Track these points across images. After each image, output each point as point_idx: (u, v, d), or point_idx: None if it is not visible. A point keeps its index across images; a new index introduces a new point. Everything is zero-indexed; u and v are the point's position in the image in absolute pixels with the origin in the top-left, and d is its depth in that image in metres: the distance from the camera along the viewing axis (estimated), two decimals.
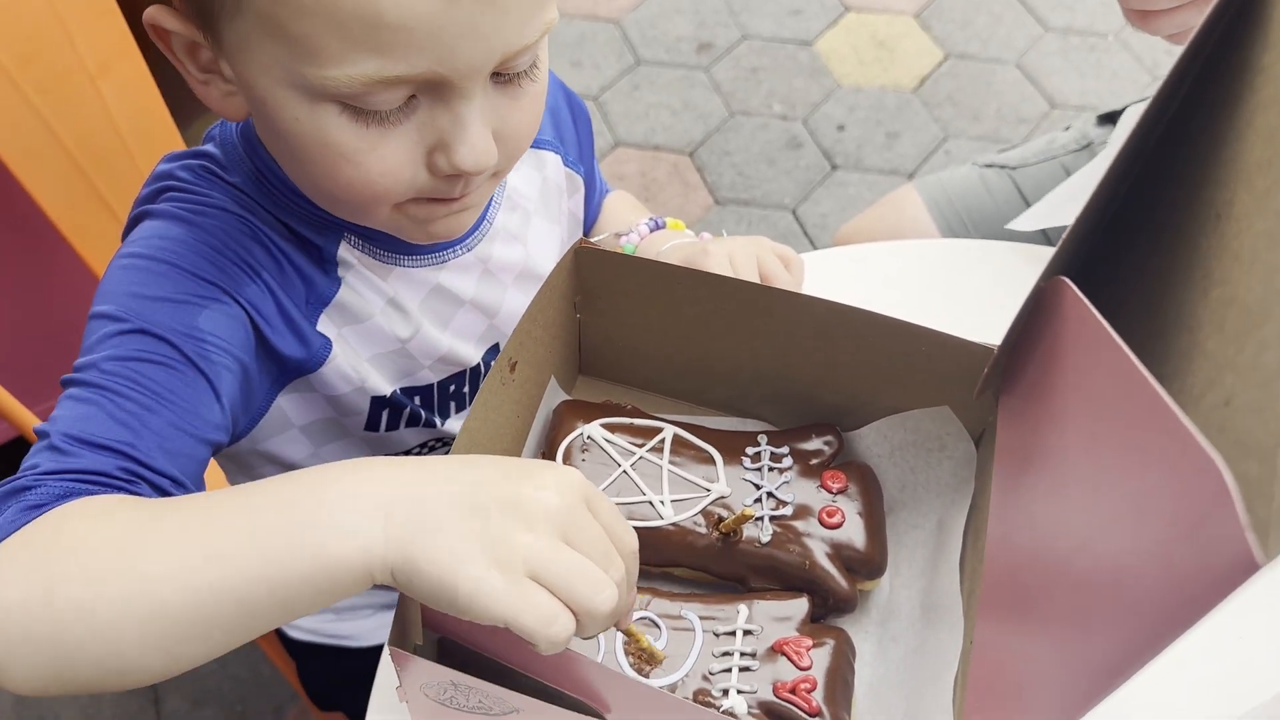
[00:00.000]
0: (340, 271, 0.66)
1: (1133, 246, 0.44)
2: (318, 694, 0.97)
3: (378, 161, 0.55)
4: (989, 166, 1.19)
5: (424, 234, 0.63)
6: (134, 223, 0.64)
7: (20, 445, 1.45)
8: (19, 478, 0.50)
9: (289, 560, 0.44)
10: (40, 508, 0.48)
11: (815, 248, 1.94)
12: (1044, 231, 1.05)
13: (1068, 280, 0.41)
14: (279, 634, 0.96)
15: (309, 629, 0.91)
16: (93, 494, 0.50)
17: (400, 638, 0.51)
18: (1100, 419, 0.36)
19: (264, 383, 0.65)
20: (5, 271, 1.27)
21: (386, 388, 0.71)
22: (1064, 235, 0.42)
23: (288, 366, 0.65)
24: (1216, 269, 0.35)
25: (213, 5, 0.53)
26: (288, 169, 0.63)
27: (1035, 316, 0.47)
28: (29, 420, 0.99)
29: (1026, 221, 1.04)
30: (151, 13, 0.56)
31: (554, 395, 0.71)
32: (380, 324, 0.69)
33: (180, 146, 1.18)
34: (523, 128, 0.59)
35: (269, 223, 0.63)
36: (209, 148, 0.66)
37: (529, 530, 0.44)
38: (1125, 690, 0.35)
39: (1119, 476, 0.33)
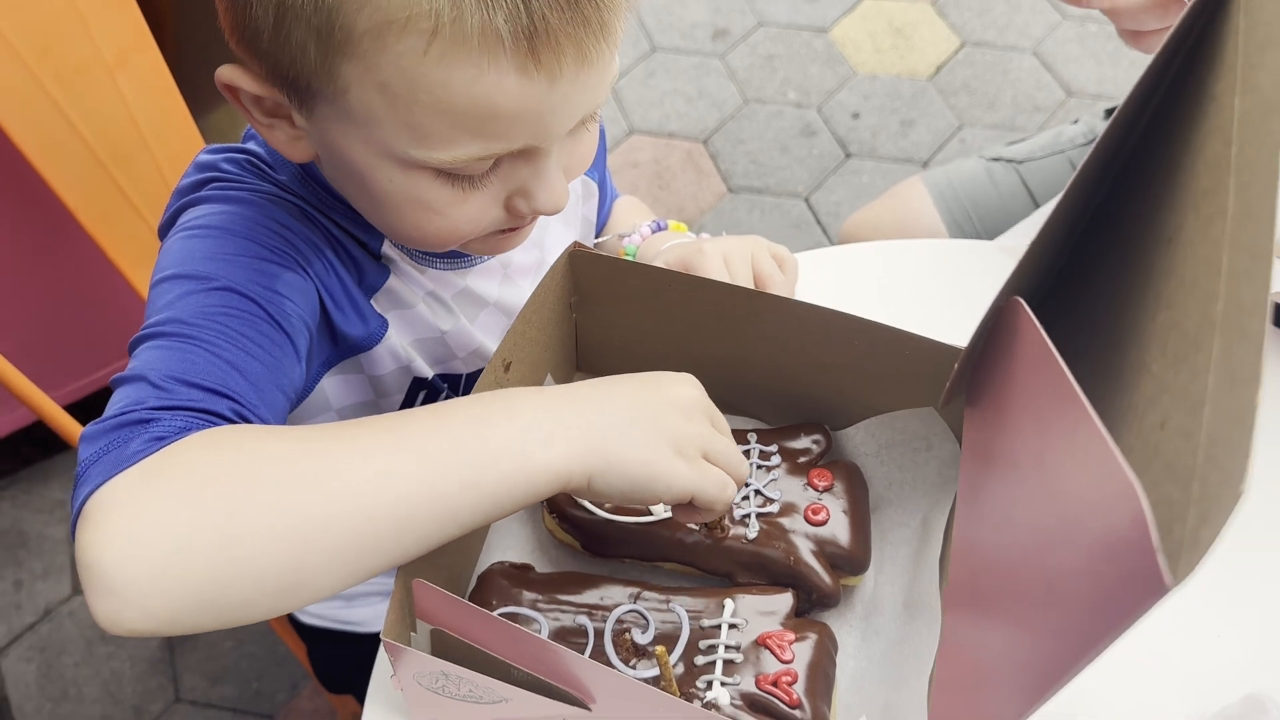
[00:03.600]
0: (386, 263, 0.69)
1: (1099, 263, 0.45)
2: (328, 677, 1.00)
3: (464, 212, 0.59)
4: (995, 160, 1.19)
5: (488, 252, 0.67)
6: (180, 211, 0.64)
7: (25, 436, 1.49)
8: (129, 410, 0.49)
9: (492, 466, 0.49)
10: (165, 440, 0.47)
11: (828, 236, 1.95)
12: None
13: (1021, 301, 0.43)
14: (291, 619, 0.99)
15: (319, 615, 0.94)
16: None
17: (394, 629, 0.54)
18: (1044, 437, 0.37)
19: (316, 361, 0.67)
20: (24, 261, 1.30)
21: (429, 370, 0.74)
22: (1023, 254, 0.43)
23: (344, 346, 0.67)
24: (1165, 292, 0.36)
25: (310, 84, 0.54)
26: (359, 206, 0.64)
27: (994, 332, 0.48)
28: (47, 404, 1.01)
29: (1035, 225, 1.05)
30: (226, 74, 0.57)
31: None
32: (424, 313, 0.71)
33: (196, 137, 1.20)
34: (585, 159, 0.64)
35: (320, 215, 0.65)
36: (250, 145, 0.68)
37: (690, 421, 0.55)
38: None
39: (1058, 493, 0.35)
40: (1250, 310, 0.28)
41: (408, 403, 0.75)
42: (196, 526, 0.44)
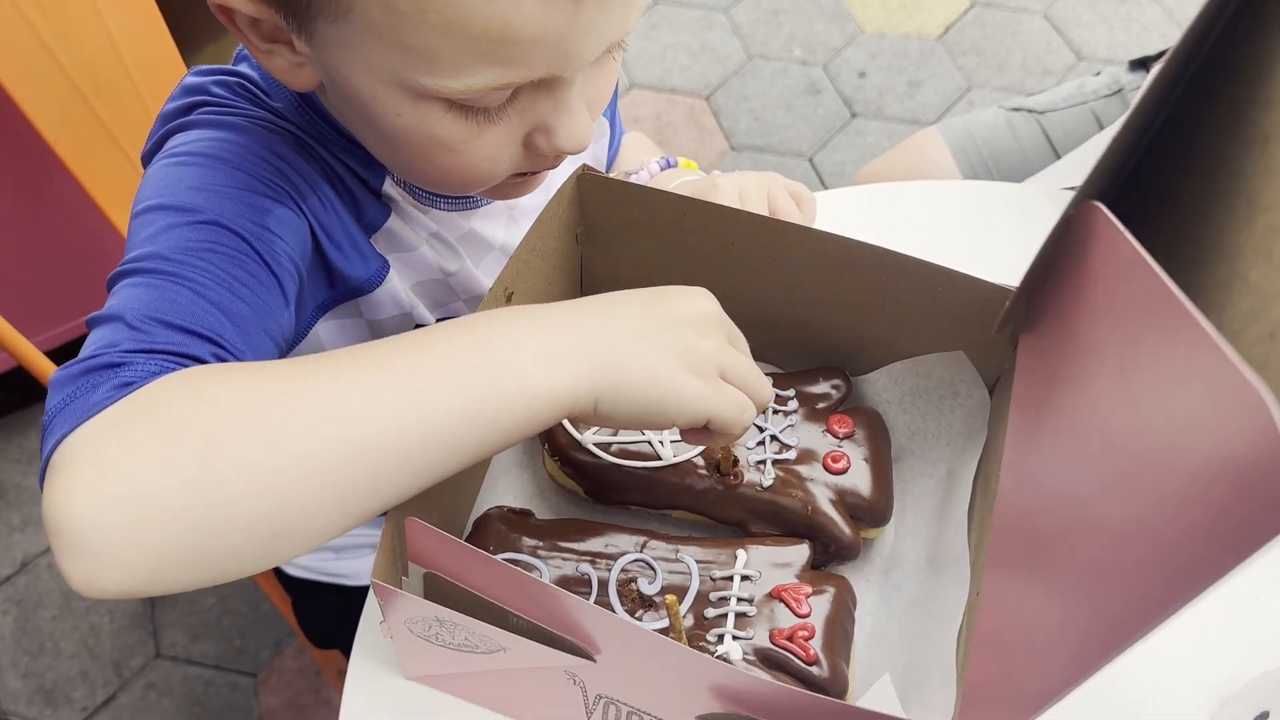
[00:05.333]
0: (386, 202, 0.64)
1: (1168, 175, 0.41)
2: (314, 632, 0.96)
3: (479, 148, 0.54)
4: (1016, 110, 1.15)
5: (501, 197, 0.62)
6: (165, 136, 0.59)
7: (0, 384, 1.44)
8: (100, 354, 0.44)
9: (490, 394, 0.45)
10: (133, 385, 0.43)
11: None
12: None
13: (1100, 205, 0.38)
14: (276, 572, 0.95)
15: (306, 566, 0.90)
16: None
17: (384, 572, 0.50)
18: (1133, 351, 0.33)
19: (310, 304, 0.62)
20: (2, 198, 1.25)
21: (431, 318, 0.69)
22: (1096, 161, 0.39)
23: (343, 288, 0.63)
24: (1264, 194, 0.32)
25: (310, 3, 0.49)
26: (365, 141, 0.59)
27: (1063, 247, 0.44)
28: (27, 350, 0.97)
29: (1055, 178, 1.01)
30: None
31: None
32: (427, 255, 0.67)
33: (183, 70, 1.15)
34: (606, 94, 0.59)
35: (318, 146, 0.60)
36: (243, 68, 0.62)
37: (705, 336, 0.51)
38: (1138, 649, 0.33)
39: (1152, 412, 0.31)
40: None
41: None
42: (170, 475, 0.40)
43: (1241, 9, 0.40)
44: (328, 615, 0.93)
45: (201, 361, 0.46)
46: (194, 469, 0.40)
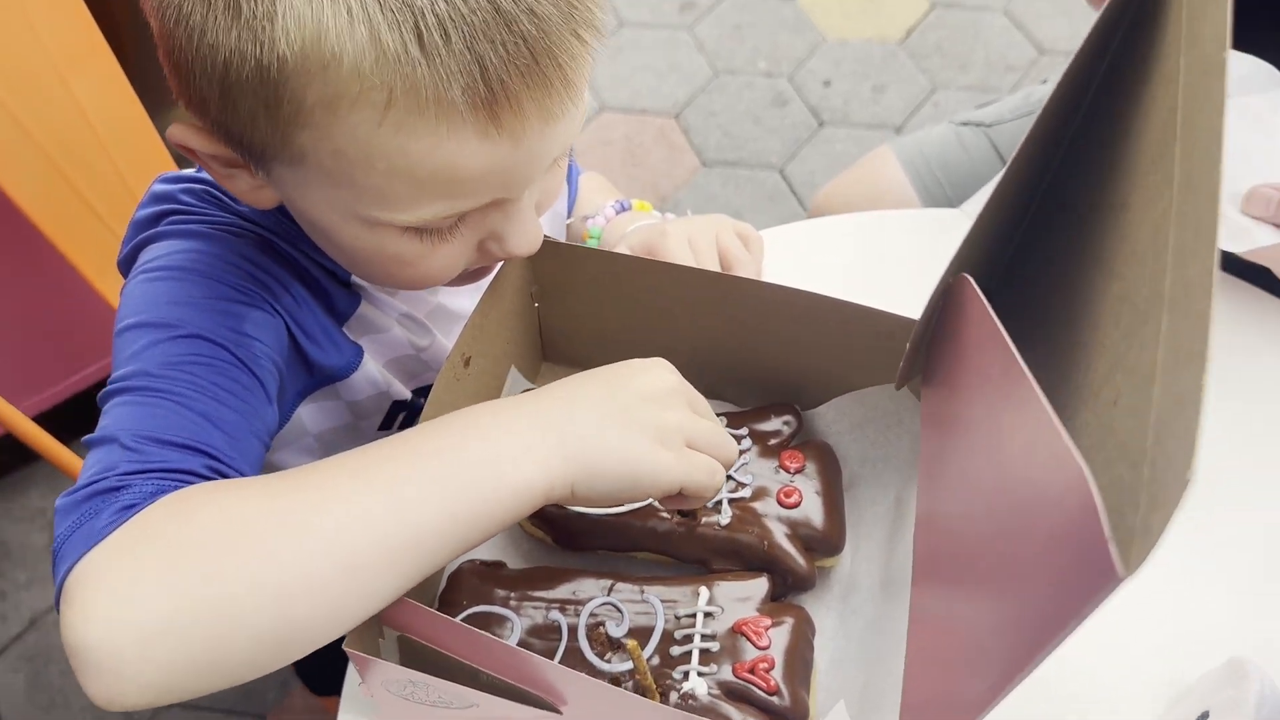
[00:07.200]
0: (356, 290, 0.67)
1: (1056, 233, 0.44)
2: (313, 679, 1.00)
3: (434, 261, 0.57)
4: (964, 125, 1.18)
5: (460, 284, 0.64)
6: (138, 247, 0.61)
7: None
8: (100, 478, 0.47)
9: (468, 495, 0.48)
10: (135, 507, 0.46)
11: (804, 206, 1.94)
12: None
13: (969, 278, 0.41)
14: None
15: None
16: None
17: (358, 640, 0.53)
18: (996, 419, 0.36)
19: (291, 393, 0.65)
20: None
21: (407, 392, 0.72)
22: (968, 230, 0.42)
23: (320, 375, 0.66)
24: (1117, 263, 0.35)
25: (265, 150, 0.51)
26: (328, 252, 0.62)
27: (945, 309, 0.47)
28: (13, 416, 1.00)
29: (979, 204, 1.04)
30: (178, 134, 0.54)
31: (517, 384, 0.72)
32: (398, 334, 0.70)
33: (155, 137, 1.18)
34: (556, 192, 0.61)
35: (285, 244, 0.63)
36: (207, 174, 0.65)
37: (668, 409, 0.53)
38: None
39: (1011, 479, 0.34)
40: (1196, 288, 0.27)
41: (387, 424, 0.74)
42: (177, 595, 0.43)
43: (1111, 68, 0.43)
44: (326, 664, 0.96)
45: (196, 475, 0.49)
46: (197, 589, 0.43)
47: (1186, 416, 0.24)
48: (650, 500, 0.65)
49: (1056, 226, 0.43)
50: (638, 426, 0.52)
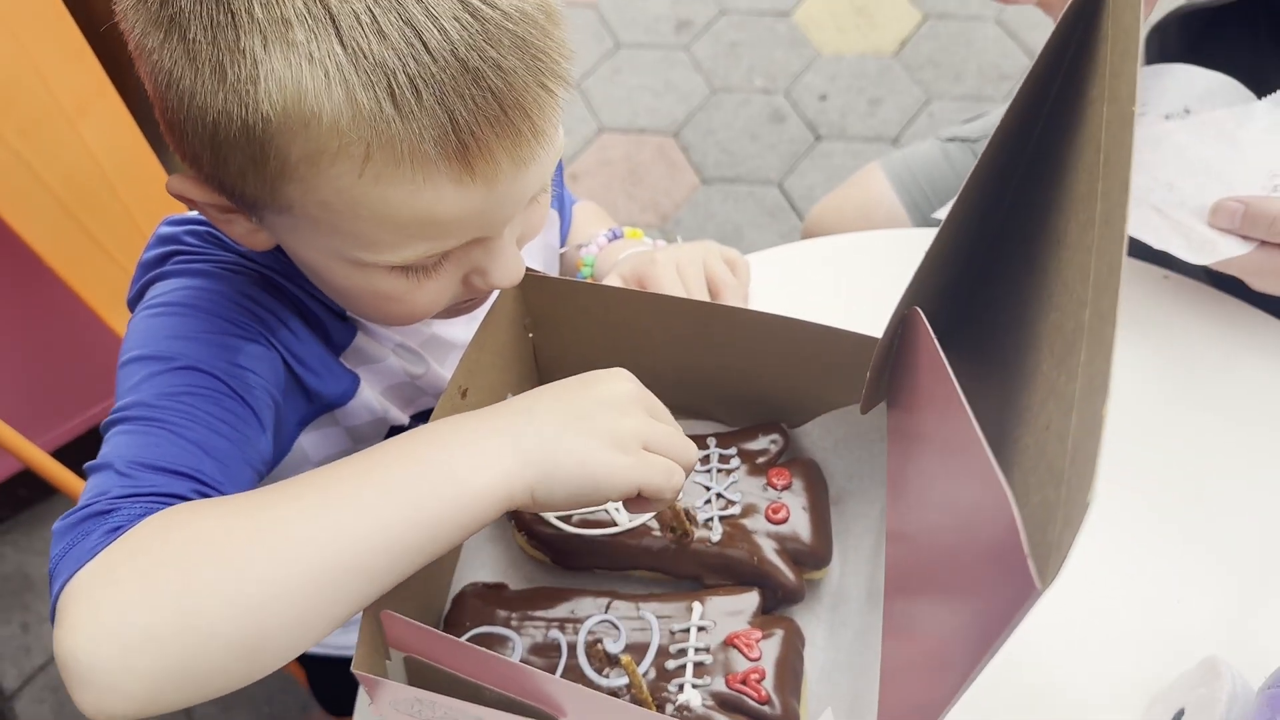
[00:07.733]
0: (353, 322, 0.70)
1: (1007, 262, 0.46)
2: (328, 701, 1.02)
3: (421, 296, 0.60)
4: (950, 140, 1.21)
5: (450, 317, 0.67)
6: (146, 285, 0.65)
7: (20, 480, 1.50)
8: (92, 503, 0.50)
9: (434, 500, 0.50)
10: (122, 529, 0.48)
11: (803, 221, 1.96)
12: None
13: (919, 311, 0.44)
14: None
15: None
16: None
17: (366, 662, 0.55)
18: (940, 445, 0.39)
19: (291, 422, 0.68)
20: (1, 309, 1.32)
21: (405, 417, 0.76)
22: (920, 261, 0.45)
23: (319, 403, 0.69)
24: (1055, 293, 0.38)
25: (256, 200, 0.55)
26: (321, 288, 0.65)
27: (902, 339, 0.50)
28: (30, 451, 1.03)
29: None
30: (176, 186, 0.57)
31: None
32: (394, 363, 0.73)
33: (161, 176, 1.22)
34: (538, 225, 0.64)
35: (284, 280, 0.66)
36: None
37: (624, 415, 0.56)
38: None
39: (954, 499, 0.37)
40: (1105, 320, 0.29)
41: None
42: (154, 609, 0.46)
43: (1053, 108, 0.46)
44: (339, 685, 0.99)
45: (183, 498, 0.52)
46: (174, 602, 0.46)
47: (1091, 443, 0.27)
48: (627, 516, 0.68)
49: (1012, 256, 0.46)
50: (594, 431, 0.54)
